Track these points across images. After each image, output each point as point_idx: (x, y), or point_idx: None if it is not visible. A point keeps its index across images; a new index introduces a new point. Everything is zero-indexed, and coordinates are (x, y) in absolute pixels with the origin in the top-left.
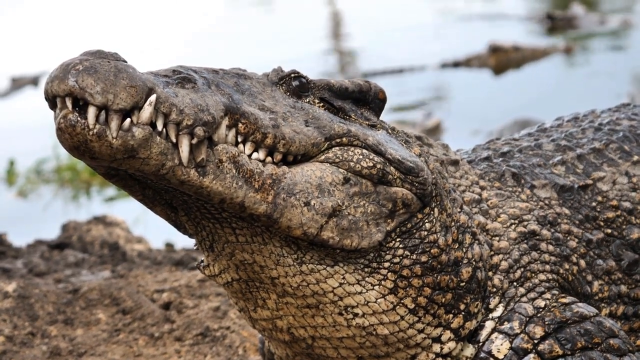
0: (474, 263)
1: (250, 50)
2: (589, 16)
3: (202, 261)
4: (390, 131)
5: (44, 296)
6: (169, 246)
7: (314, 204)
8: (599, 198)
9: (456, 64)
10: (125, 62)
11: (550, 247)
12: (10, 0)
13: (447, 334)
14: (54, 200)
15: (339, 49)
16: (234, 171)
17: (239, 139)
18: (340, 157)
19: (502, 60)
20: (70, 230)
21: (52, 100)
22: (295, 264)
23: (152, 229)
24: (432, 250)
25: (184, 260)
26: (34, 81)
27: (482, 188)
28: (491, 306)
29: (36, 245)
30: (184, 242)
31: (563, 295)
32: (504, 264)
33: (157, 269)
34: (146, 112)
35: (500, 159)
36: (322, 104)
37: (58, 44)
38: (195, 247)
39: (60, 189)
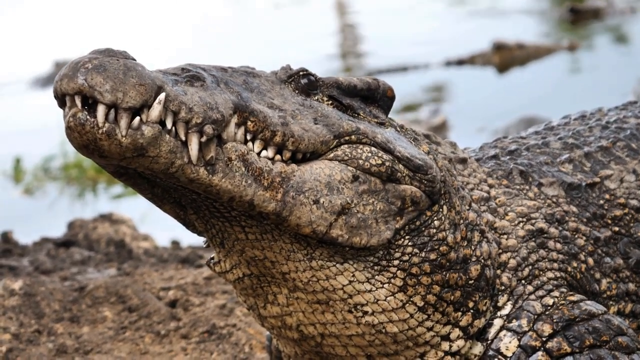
0: (482, 261)
1: (255, 49)
2: (617, 6)
3: (212, 258)
4: (398, 129)
5: (50, 294)
6: (175, 244)
7: (323, 201)
8: (607, 196)
9: (460, 62)
10: (134, 60)
11: (558, 245)
12: None
13: (456, 332)
14: (60, 197)
15: (344, 47)
16: (243, 169)
17: (248, 137)
18: (349, 155)
19: (507, 58)
20: (76, 228)
21: (61, 98)
22: (305, 259)
23: (158, 227)
24: (441, 248)
25: (190, 257)
26: None
27: (491, 186)
28: (499, 304)
29: (42, 243)
30: (190, 239)
31: (571, 293)
32: (512, 262)
33: (163, 266)
34: (155, 110)
35: (508, 157)
36: (330, 102)
37: (91, 31)
38: (205, 245)
39: (67, 186)
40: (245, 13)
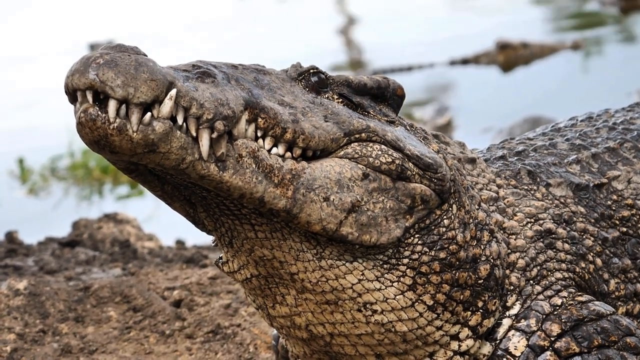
0: (492, 260)
1: (260, 47)
2: None
3: (221, 258)
4: (408, 128)
5: (54, 294)
6: (180, 243)
7: (333, 199)
8: (614, 197)
9: (465, 61)
10: (146, 55)
11: (566, 246)
12: None
13: (465, 332)
14: (65, 198)
15: (349, 46)
16: (254, 166)
17: (259, 134)
18: (359, 153)
19: (511, 57)
20: (81, 227)
21: (72, 94)
22: (314, 259)
23: (163, 227)
24: (450, 247)
25: (194, 257)
26: None
27: (499, 186)
28: (508, 304)
29: (47, 243)
30: (194, 239)
31: (580, 293)
32: (521, 262)
33: (168, 266)
34: (167, 106)
35: (516, 157)
36: (340, 100)
37: (123, 15)
38: (213, 244)
39: (72, 186)
40: (248, 10)
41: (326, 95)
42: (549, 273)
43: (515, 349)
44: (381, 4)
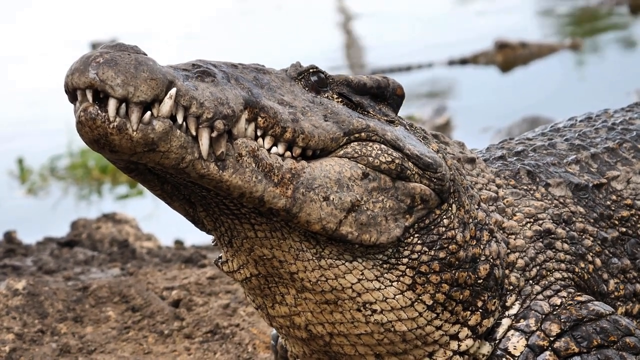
0: (491, 260)
1: (258, 47)
2: None
3: (220, 257)
4: (408, 127)
5: (53, 294)
6: (179, 243)
7: (333, 198)
8: (614, 197)
9: (463, 61)
10: (146, 54)
11: (566, 246)
12: None
13: (465, 331)
14: (64, 197)
15: (348, 46)
16: (254, 165)
17: (258, 133)
18: (359, 152)
19: (509, 56)
20: (79, 227)
21: (72, 93)
22: (314, 258)
23: (161, 226)
24: (450, 247)
25: (193, 257)
26: None
27: (499, 186)
28: (508, 304)
29: (46, 242)
30: (193, 239)
31: (579, 293)
32: (520, 262)
33: (166, 266)
34: (166, 105)
35: (515, 157)
36: (340, 100)
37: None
38: (213, 243)
39: (70, 186)
40: (248, 10)
41: (326, 95)
42: (549, 273)
43: (514, 348)
44: (380, 4)
